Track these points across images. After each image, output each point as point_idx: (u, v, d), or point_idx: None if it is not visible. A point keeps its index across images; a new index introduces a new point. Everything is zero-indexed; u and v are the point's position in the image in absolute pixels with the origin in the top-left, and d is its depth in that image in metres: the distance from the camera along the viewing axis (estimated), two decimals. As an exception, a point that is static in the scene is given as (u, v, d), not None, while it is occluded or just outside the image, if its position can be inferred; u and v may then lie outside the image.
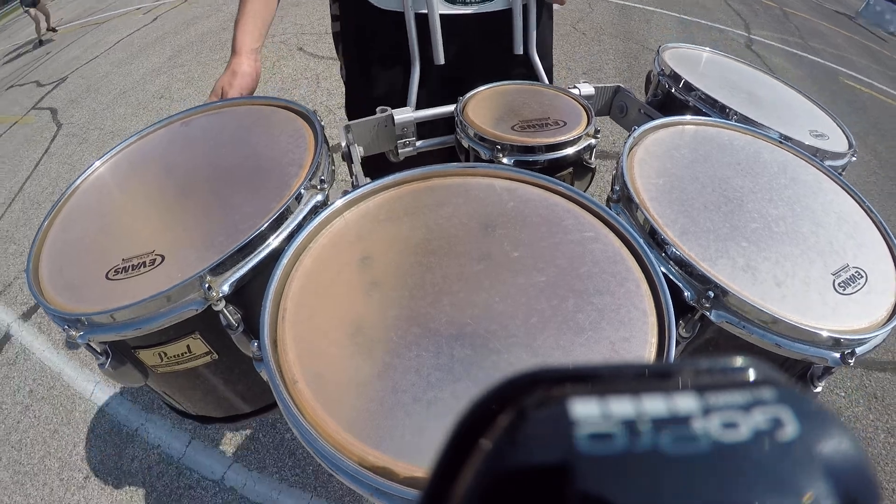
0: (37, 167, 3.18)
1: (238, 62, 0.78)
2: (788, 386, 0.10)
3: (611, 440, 0.09)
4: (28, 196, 2.88)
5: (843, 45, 5.46)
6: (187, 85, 3.84)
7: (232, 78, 0.77)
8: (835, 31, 5.94)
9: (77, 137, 3.45)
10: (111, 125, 3.52)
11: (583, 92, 0.81)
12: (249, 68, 0.79)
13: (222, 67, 0.81)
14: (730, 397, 0.10)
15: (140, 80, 4.07)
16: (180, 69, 4.12)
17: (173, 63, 4.26)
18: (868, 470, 0.09)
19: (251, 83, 0.79)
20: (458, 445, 0.10)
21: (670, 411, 0.09)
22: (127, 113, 3.65)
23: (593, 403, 0.10)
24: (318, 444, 0.35)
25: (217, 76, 0.79)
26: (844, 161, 0.74)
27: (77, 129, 3.56)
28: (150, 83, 3.99)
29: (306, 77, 3.57)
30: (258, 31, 0.80)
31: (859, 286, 0.50)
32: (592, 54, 3.90)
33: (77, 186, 0.64)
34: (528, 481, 0.09)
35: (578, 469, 0.09)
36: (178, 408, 0.66)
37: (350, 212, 0.54)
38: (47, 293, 0.51)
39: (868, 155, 3.06)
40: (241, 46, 0.78)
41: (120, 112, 3.67)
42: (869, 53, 5.42)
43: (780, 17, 5.84)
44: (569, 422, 0.09)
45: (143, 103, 3.73)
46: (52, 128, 3.64)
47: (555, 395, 0.10)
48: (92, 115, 3.72)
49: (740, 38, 4.82)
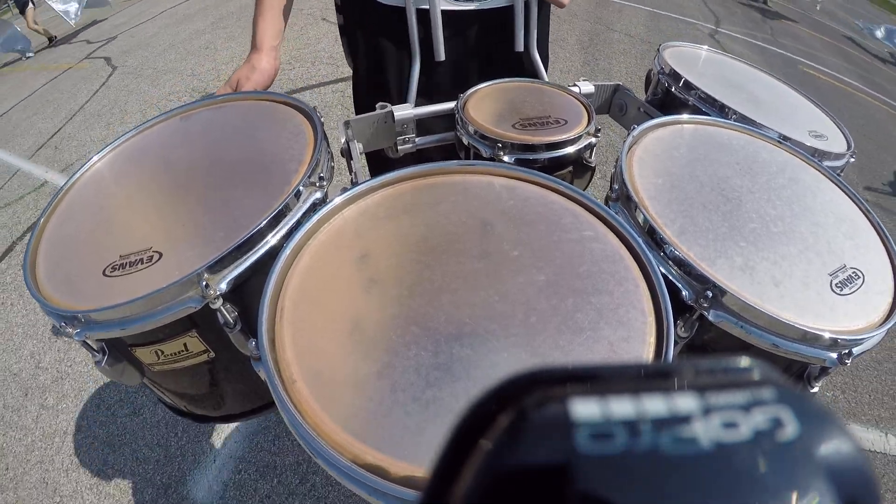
0: (96, 94, 3.72)
1: (258, 58, 0.79)
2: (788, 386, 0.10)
3: (611, 440, 0.09)
4: (88, 111, 3.45)
5: (818, 47, 5.60)
6: (229, 41, 4.28)
7: (250, 72, 0.78)
8: (815, 36, 6.01)
9: (132, 74, 3.94)
10: (163, 66, 4.01)
11: (583, 90, 0.81)
12: (268, 65, 0.80)
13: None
14: (730, 397, 0.10)
15: (186, 38, 4.54)
16: (223, 30, 4.58)
17: (216, 27, 4.72)
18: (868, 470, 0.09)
19: (267, 80, 0.80)
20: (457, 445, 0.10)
21: (670, 411, 0.09)
22: (177, 58, 4.14)
23: (593, 403, 0.10)
24: (316, 443, 0.35)
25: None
26: (843, 162, 0.74)
27: (131, 69, 4.06)
28: (196, 40, 4.46)
29: (328, 37, 4.08)
30: (277, 27, 0.81)
31: (857, 286, 0.50)
32: (560, 30, 4.34)
33: (75, 181, 0.64)
34: (528, 481, 0.09)
35: (578, 469, 0.09)
36: (174, 406, 0.66)
37: (349, 209, 0.54)
38: (44, 289, 0.51)
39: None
40: (261, 43, 0.80)
41: (170, 57, 4.16)
42: (843, 55, 5.52)
43: (758, 20, 5.98)
44: (569, 422, 0.09)
45: (191, 52, 4.21)
46: (108, 69, 4.15)
47: (555, 395, 0.10)
48: (144, 61, 4.20)
49: (706, 29, 5.10)
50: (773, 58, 4.77)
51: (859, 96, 4.46)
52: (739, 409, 0.10)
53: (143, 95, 3.59)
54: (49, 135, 3.26)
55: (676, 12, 5.37)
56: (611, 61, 3.97)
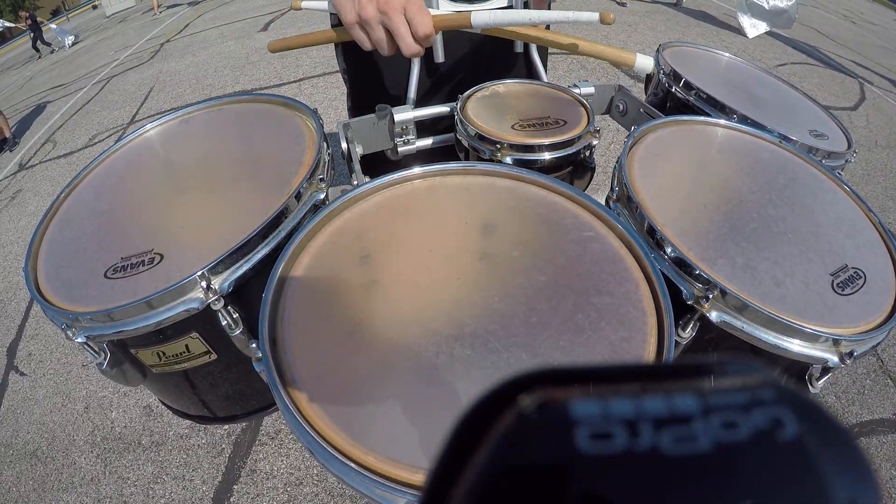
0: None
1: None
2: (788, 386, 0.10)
3: (611, 440, 0.09)
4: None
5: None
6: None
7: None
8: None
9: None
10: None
11: (583, 91, 0.81)
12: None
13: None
14: (730, 397, 0.10)
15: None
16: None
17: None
18: (868, 470, 0.09)
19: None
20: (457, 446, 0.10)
21: (670, 411, 0.09)
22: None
23: (593, 403, 0.10)
24: (316, 444, 0.35)
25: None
26: (843, 161, 0.74)
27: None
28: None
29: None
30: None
31: (858, 287, 0.50)
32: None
33: (76, 184, 0.64)
34: (529, 481, 0.09)
35: (578, 469, 0.09)
36: (176, 408, 0.66)
37: (350, 210, 0.54)
38: (45, 292, 0.51)
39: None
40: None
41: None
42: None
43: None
44: (569, 421, 0.09)
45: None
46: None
47: (555, 395, 0.10)
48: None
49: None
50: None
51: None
52: (739, 409, 0.10)
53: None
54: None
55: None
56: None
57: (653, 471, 0.09)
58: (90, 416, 1.61)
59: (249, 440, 1.50)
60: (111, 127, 3.52)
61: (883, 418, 1.60)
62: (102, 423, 1.58)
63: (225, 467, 1.44)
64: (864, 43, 5.41)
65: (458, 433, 0.10)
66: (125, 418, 1.58)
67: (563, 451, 0.09)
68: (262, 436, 1.51)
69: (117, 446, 1.51)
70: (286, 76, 3.70)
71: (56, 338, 1.91)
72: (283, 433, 1.51)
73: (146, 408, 1.59)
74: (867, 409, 1.62)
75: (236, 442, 1.49)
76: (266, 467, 1.43)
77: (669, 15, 5.15)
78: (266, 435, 1.51)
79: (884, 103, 3.82)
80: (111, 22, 6.63)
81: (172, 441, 1.51)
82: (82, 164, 3.32)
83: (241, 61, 4.16)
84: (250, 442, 1.49)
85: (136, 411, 1.59)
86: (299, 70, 3.76)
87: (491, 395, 0.10)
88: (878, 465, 1.49)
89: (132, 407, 1.61)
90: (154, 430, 1.54)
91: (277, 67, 3.87)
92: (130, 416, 1.58)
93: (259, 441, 1.49)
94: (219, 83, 3.84)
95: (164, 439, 1.51)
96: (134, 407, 1.61)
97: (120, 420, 1.58)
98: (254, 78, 3.84)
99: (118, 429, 1.56)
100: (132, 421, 1.57)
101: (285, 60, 3.94)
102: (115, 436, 1.54)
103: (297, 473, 1.41)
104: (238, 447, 1.48)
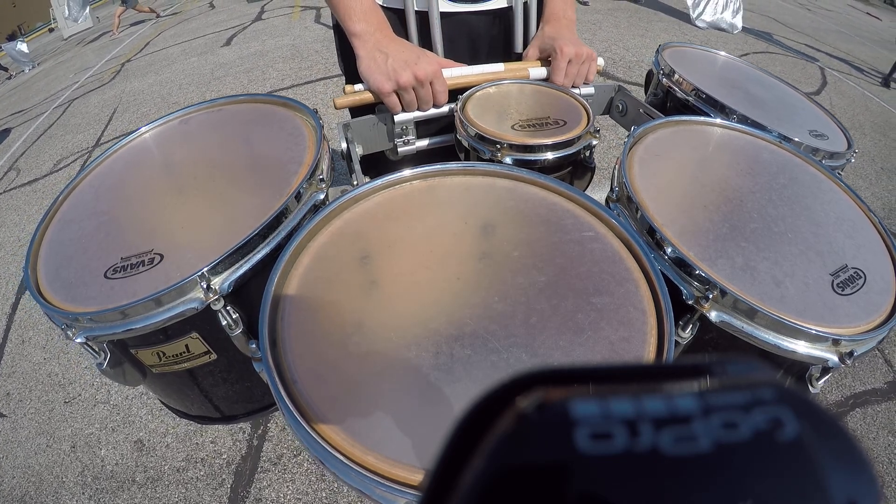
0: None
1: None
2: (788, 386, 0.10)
3: (611, 440, 0.09)
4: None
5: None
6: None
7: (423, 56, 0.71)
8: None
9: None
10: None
11: (583, 91, 0.81)
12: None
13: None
14: (730, 397, 0.10)
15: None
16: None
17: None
18: (868, 470, 0.09)
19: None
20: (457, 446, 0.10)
21: (670, 411, 0.09)
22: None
23: (593, 403, 0.10)
24: (316, 445, 0.35)
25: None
26: (843, 161, 0.74)
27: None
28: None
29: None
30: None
31: (858, 286, 0.50)
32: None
33: (76, 184, 0.64)
34: (529, 481, 0.09)
35: (578, 469, 0.09)
36: (176, 408, 0.66)
37: (350, 211, 0.54)
38: (45, 292, 0.51)
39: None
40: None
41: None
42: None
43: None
44: (569, 421, 0.09)
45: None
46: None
47: (555, 395, 0.10)
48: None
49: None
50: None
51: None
52: (739, 409, 0.10)
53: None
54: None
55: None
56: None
57: (653, 471, 0.09)
58: (78, 455, 1.49)
59: (251, 468, 1.41)
60: (76, 151, 3.30)
61: (875, 388, 1.63)
62: (92, 462, 1.47)
63: (228, 498, 1.35)
64: (820, 29, 5.44)
65: (459, 433, 0.10)
66: (116, 455, 1.48)
67: (563, 451, 0.09)
68: (264, 462, 1.43)
69: (110, 485, 1.41)
70: (253, 90, 3.64)
71: (35, 374, 1.73)
72: (285, 458, 1.43)
73: (137, 442, 1.49)
74: (860, 381, 1.65)
75: (237, 471, 1.41)
76: (272, 494, 1.35)
77: (631, 11, 5.08)
78: (268, 461, 1.43)
79: (844, 86, 3.87)
80: (69, 44, 6.43)
81: (168, 475, 1.41)
82: (49, 191, 2.93)
83: (206, 77, 3.97)
84: (252, 469, 1.41)
85: (127, 447, 1.49)
86: (266, 83, 3.69)
87: (491, 396, 0.10)
88: (875, 433, 1.51)
89: (122, 442, 1.51)
90: (148, 466, 1.44)
91: (244, 81, 3.76)
92: (121, 452, 1.48)
93: (261, 468, 1.41)
94: (185, 100, 3.67)
95: (159, 474, 1.42)
96: (124, 442, 1.50)
97: (110, 457, 1.47)
98: (221, 93, 3.71)
99: (109, 467, 1.45)
100: (123, 457, 1.47)
101: (252, 74, 3.79)
102: (107, 474, 1.43)
103: (305, 498, 1.34)
104: (239, 476, 1.40)
